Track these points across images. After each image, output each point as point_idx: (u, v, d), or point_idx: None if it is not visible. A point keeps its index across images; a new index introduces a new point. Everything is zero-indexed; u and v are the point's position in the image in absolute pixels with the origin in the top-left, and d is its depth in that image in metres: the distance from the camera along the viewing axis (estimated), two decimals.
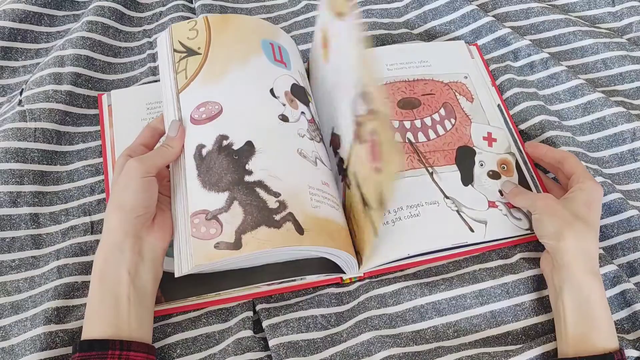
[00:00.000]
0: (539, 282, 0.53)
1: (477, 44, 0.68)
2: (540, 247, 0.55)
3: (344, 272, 0.51)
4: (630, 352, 0.47)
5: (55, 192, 0.57)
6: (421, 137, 0.59)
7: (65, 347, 0.47)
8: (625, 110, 0.63)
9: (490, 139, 0.60)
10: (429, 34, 0.71)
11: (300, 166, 0.49)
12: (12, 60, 0.65)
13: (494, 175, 0.57)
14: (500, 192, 0.56)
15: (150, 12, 0.71)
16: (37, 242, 0.54)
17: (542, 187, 0.57)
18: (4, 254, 0.52)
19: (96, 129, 0.61)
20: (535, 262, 0.54)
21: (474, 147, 0.59)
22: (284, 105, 0.51)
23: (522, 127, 0.63)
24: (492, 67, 0.67)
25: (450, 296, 0.52)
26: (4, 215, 0.53)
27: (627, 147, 0.62)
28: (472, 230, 0.53)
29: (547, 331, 0.50)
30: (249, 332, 0.48)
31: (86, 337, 0.42)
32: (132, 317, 0.43)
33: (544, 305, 0.52)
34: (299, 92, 0.54)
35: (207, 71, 0.50)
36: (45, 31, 0.67)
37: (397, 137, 0.58)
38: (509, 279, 0.53)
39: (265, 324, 0.49)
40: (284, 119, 0.50)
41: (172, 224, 0.46)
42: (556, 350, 0.47)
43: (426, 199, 0.54)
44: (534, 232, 0.54)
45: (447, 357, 0.48)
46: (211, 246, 0.43)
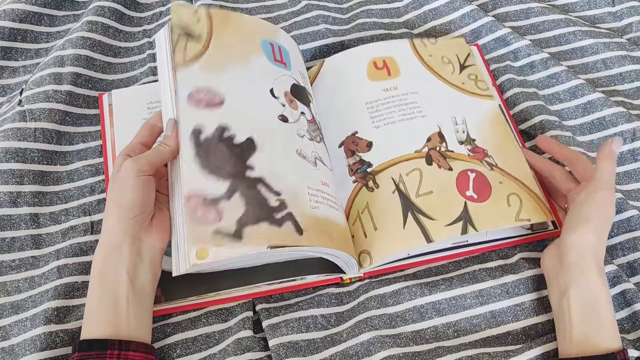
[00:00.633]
0: (539, 282, 0.53)
1: (478, 44, 0.68)
2: (540, 247, 0.55)
3: (344, 272, 0.51)
4: (630, 352, 0.47)
5: (55, 192, 0.57)
6: None
7: (65, 347, 0.47)
8: (625, 110, 0.63)
9: None
10: (429, 34, 0.71)
11: (299, 166, 0.49)
12: (12, 60, 0.65)
13: None
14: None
15: (150, 12, 0.71)
16: (37, 242, 0.54)
17: (543, 188, 0.57)
18: (4, 254, 0.52)
19: (96, 129, 0.61)
20: (535, 262, 0.54)
21: None
22: (284, 105, 0.51)
23: (523, 127, 0.63)
24: (492, 67, 0.67)
25: (450, 296, 0.52)
26: (4, 215, 0.53)
27: (627, 147, 0.62)
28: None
29: (547, 331, 0.50)
30: (248, 332, 0.48)
31: (85, 337, 0.42)
32: (131, 317, 0.43)
33: (544, 305, 0.52)
34: (299, 93, 0.54)
35: (208, 61, 0.50)
36: (45, 31, 0.67)
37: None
38: (509, 279, 0.53)
39: (265, 324, 0.49)
40: (284, 119, 0.51)
41: (170, 223, 0.46)
42: (556, 350, 0.47)
43: None
44: (534, 232, 0.54)
45: (447, 357, 0.48)
46: (210, 231, 0.42)
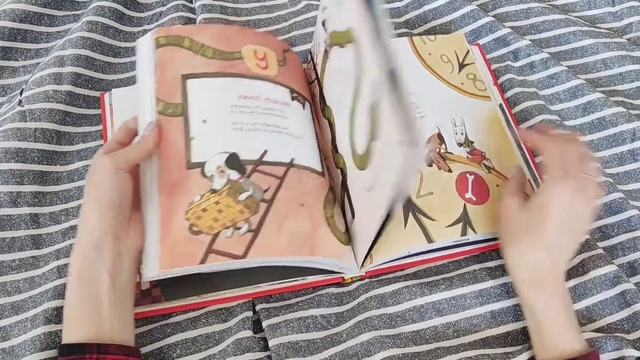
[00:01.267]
0: None
1: (479, 43, 0.68)
2: None
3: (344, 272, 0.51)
4: (630, 352, 0.47)
5: (55, 192, 0.57)
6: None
7: None
8: (625, 110, 0.63)
9: None
10: (429, 34, 0.71)
11: None
12: (12, 60, 0.65)
13: None
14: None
15: (150, 12, 0.71)
16: (37, 242, 0.54)
17: None
18: (4, 254, 0.52)
19: (96, 129, 0.61)
20: None
21: None
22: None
23: (523, 127, 0.63)
24: (492, 67, 0.67)
25: (450, 296, 0.52)
26: (4, 215, 0.53)
27: (627, 147, 0.62)
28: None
29: None
30: (248, 332, 0.48)
31: (66, 340, 0.41)
32: (114, 319, 0.42)
33: None
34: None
35: None
36: (45, 31, 0.67)
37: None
38: (509, 279, 0.53)
39: (265, 324, 0.49)
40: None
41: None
42: None
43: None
44: None
45: (447, 358, 0.48)
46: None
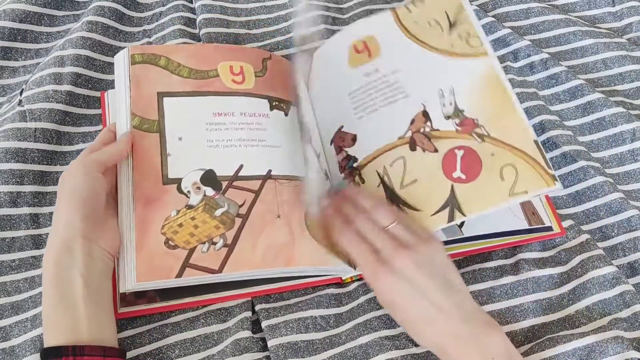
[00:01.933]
0: (539, 283, 0.53)
1: None
2: (540, 248, 0.55)
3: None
4: (633, 354, 0.46)
5: (55, 192, 0.56)
6: None
7: None
8: (625, 110, 0.63)
9: None
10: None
11: None
12: (12, 60, 0.65)
13: None
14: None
15: (150, 12, 0.71)
16: (37, 242, 0.54)
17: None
18: (4, 254, 0.52)
19: (96, 129, 0.61)
20: (535, 263, 0.54)
21: None
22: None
23: None
24: None
25: None
26: (4, 215, 0.53)
27: (627, 147, 0.62)
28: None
29: (547, 332, 0.50)
30: (247, 333, 0.48)
31: (46, 344, 0.41)
32: (91, 320, 0.42)
33: (543, 306, 0.52)
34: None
35: None
36: (45, 31, 0.67)
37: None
38: (509, 279, 0.53)
39: (264, 324, 0.49)
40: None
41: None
42: (555, 356, 0.47)
43: None
44: (533, 230, 0.54)
45: None
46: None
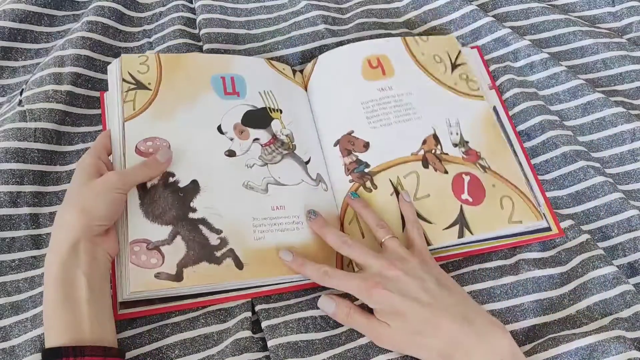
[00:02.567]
0: (539, 284, 0.53)
1: (478, 45, 0.68)
2: (539, 249, 0.55)
3: None
4: (635, 354, 0.46)
5: (55, 192, 0.57)
6: None
7: None
8: (625, 110, 0.63)
9: None
10: (428, 34, 0.71)
11: (244, 200, 0.51)
12: (12, 60, 0.65)
13: None
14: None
15: (150, 12, 0.71)
16: (37, 242, 0.54)
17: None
18: (4, 254, 0.52)
19: (96, 129, 0.61)
20: (535, 264, 0.54)
21: None
22: (232, 139, 0.53)
23: (522, 127, 0.63)
24: (491, 67, 0.67)
25: None
26: (4, 215, 0.53)
27: (627, 147, 0.62)
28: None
29: (548, 332, 0.50)
30: (247, 333, 0.48)
31: (47, 345, 0.41)
32: (92, 320, 0.42)
33: (543, 306, 0.52)
34: (252, 119, 0.55)
35: (156, 108, 0.53)
36: (45, 31, 0.67)
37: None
38: (509, 279, 0.53)
39: (264, 324, 0.49)
40: (231, 154, 0.52)
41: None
42: (558, 355, 0.47)
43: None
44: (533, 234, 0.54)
45: None
46: (151, 275, 0.46)
